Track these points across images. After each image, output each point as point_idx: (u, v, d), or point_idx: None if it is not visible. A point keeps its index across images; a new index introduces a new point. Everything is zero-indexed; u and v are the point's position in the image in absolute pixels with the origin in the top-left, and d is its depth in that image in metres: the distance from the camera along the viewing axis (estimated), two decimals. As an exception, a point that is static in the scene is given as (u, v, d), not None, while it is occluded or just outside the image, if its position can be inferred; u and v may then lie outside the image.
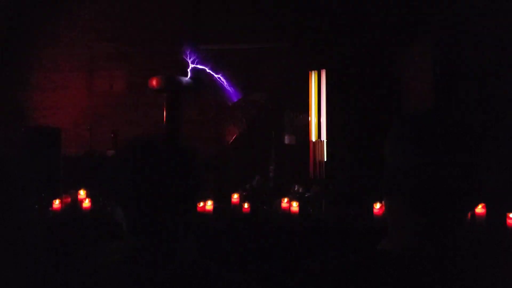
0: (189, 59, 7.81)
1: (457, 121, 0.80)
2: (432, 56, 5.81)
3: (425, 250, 0.76)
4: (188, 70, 7.42)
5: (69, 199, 4.09)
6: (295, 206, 3.86)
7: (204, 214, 3.88)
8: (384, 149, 0.84)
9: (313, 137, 6.09)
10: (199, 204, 3.88)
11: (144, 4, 7.98)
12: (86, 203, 4.07)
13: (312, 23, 7.65)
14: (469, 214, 0.85)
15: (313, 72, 6.51)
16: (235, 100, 7.40)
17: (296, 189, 4.64)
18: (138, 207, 0.94)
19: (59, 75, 7.97)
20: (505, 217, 3.38)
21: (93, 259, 0.95)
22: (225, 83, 7.61)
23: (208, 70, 7.56)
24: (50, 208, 4.00)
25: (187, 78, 6.81)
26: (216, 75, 7.60)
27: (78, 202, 4.09)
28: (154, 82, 6.77)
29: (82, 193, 4.17)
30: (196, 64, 7.45)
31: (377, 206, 3.65)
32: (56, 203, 4.01)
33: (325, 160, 5.80)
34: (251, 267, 3.34)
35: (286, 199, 3.92)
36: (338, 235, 3.62)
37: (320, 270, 0.80)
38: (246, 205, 3.99)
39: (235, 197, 4.14)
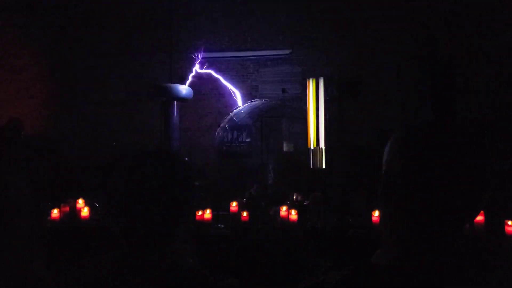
0: (188, 67, 7.83)
1: (460, 130, 0.80)
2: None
3: (418, 261, 0.75)
4: (186, 78, 7.43)
5: (67, 208, 4.08)
6: (293, 214, 3.85)
7: (203, 222, 3.88)
8: (383, 156, 0.84)
9: (312, 145, 6.08)
10: (198, 213, 3.87)
11: (142, 12, 8.02)
12: (85, 212, 4.06)
13: (310, 31, 7.69)
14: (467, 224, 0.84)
15: (311, 80, 6.52)
16: (234, 107, 7.41)
17: (294, 197, 4.64)
18: (132, 215, 0.95)
19: (55, 85, 7.98)
20: (503, 224, 3.38)
21: (90, 270, 0.95)
22: (223, 91, 7.62)
23: (206, 78, 7.57)
24: (49, 217, 3.99)
25: (185, 87, 6.82)
26: (214, 83, 7.62)
27: (76, 211, 4.08)
28: (151, 91, 6.78)
29: (80, 202, 4.16)
30: (195, 73, 7.46)
31: (376, 214, 3.65)
32: (55, 212, 4.00)
33: (324, 167, 5.79)
34: (249, 275, 3.33)
35: (285, 207, 3.92)
36: (336, 243, 3.61)
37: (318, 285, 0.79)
38: (245, 213, 3.98)
39: (234, 205, 4.13)
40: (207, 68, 7.74)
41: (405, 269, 0.75)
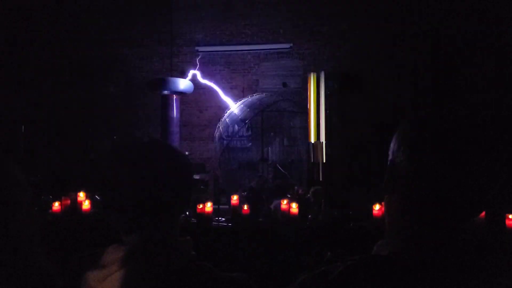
0: (188, 61, 7.81)
1: (465, 123, 0.80)
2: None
3: (420, 252, 0.75)
4: (187, 72, 7.42)
5: (68, 201, 4.08)
6: (294, 207, 3.85)
7: (204, 215, 3.88)
8: (389, 148, 0.84)
9: (312, 139, 6.08)
10: (199, 206, 3.87)
11: (142, 6, 7.99)
12: (86, 205, 4.06)
13: (311, 25, 7.66)
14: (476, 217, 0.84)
15: (312, 74, 6.50)
16: (235, 101, 7.40)
17: (295, 190, 4.64)
18: (131, 209, 0.95)
19: (58, 76, 7.97)
20: (504, 217, 3.38)
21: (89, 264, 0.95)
22: (224, 85, 7.61)
23: (207, 72, 7.55)
24: (50, 210, 3.99)
25: (186, 80, 6.80)
26: (215, 77, 7.60)
27: (77, 204, 4.08)
28: (152, 85, 6.77)
29: (81, 195, 4.16)
30: (195, 66, 7.45)
31: (376, 207, 3.65)
32: (56, 205, 4.00)
33: (324, 161, 5.79)
34: (250, 268, 3.34)
35: (285, 200, 3.92)
36: (337, 236, 3.62)
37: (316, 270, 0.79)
38: (245, 207, 3.98)
39: (235, 198, 4.13)
40: (208, 61, 7.72)
41: (407, 260, 0.75)
